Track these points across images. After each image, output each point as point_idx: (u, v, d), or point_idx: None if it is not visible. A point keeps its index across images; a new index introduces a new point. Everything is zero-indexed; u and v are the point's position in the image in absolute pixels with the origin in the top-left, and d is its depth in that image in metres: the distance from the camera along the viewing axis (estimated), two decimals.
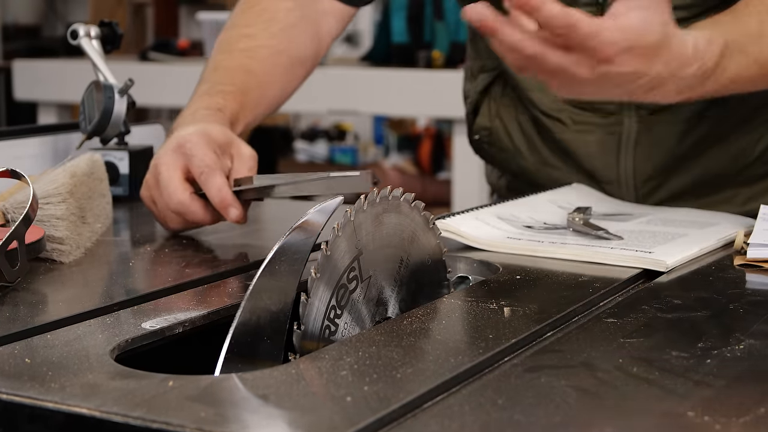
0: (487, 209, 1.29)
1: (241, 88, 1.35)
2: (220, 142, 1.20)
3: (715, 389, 0.75)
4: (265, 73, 1.39)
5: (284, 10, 1.42)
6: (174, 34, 6.05)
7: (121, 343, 0.84)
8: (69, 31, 1.50)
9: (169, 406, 0.70)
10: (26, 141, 1.50)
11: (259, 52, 1.39)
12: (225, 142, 1.21)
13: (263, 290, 0.84)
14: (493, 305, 0.94)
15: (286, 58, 1.41)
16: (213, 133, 1.20)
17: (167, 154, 1.20)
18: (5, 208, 1.12)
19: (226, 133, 1.23)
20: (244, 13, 1.43)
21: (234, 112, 1.31)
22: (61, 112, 4.16)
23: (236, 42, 1.40)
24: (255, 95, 1.36)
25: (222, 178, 1.17)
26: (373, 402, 0.71)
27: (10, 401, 0.72)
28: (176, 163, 1.18)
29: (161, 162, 1.19)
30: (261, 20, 1.41)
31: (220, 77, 1.36)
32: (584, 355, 0.82)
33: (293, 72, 1.43)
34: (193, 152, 1.17)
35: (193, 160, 1.17)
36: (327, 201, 0.89)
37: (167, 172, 1.18)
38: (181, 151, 1.18)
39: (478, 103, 1.56)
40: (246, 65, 1.38)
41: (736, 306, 0.96)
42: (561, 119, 1.45)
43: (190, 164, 1.18)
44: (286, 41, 1.41)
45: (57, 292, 1.03)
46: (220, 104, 1.30)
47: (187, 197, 1.18)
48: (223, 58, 1.38)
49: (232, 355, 0.82)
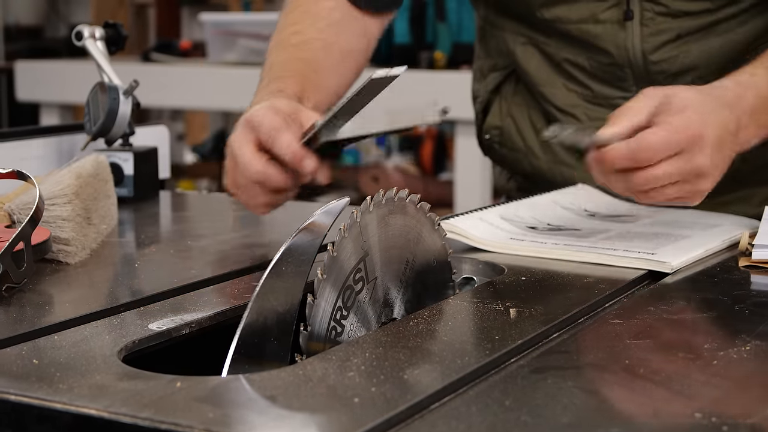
0: (490, 210, 1.30)
1: (299, 73, 1.35)
2: (287, 112, 1.18)
3: (722, 390, 0.75)
4: (319, 61, 1.40)
5: (327, 8, 1.43)
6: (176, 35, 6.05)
7: (129, 344, 0.84)
8: (74, 32, 1.50)
9: (177, 407, 0.70)
10: (31, 142, 1.50)
11: (311, 44, 1.40)
12: (292, 111, 1.19)
13: (270, 291, 0.84)
14: (498, 306, 0.94)
15: (337, 50, 1.42)
16: (279, 104, 1.19)
17: (237, 133, 1.19)
18: (11, 209, 1.12)
19: (291, 104, 1.22)
20: (287, 16, 1.45)
21: (296, 92, 1.30)
22: (64, 113, 4.16)
23: (286, 40, 1.41)
24: (313, 80, 1.36)
25: (289, 135, 1.14)
26: (380, 403, 0.71)
27: (18, 402, 0.72)
28: (246, 137, 1.17)
29: (233, 141, 1.18)
30: (307, 18, 1.43)
31: (275, 71, 1.36)
32: (591, 356, 0.83)
33: (345, 64, 1.44)
34: (261, 122, 1.16)
35: (261, 128, 1.15)
36: (333, 202, 0.89)
37: (239, 147, 1.17)
38: (249, 126, 1.17)
39: (488, 103, 1.56)
40: (300, 56, 1.39)
41: (742, 307, 0.96)
42: (575, 115, 1.46)
43: (259, 134, 1.16)
44: (334, 35, 1.42)
45: (63, 293, 1.03)
46: (280, 87, 1.30)
47: (263, 163, 1.15)
48: (277, 55, 1.39)
49: (239, 356, 0.82)
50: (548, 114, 1.49)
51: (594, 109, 1.45)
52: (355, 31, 1.45)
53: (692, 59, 1.39)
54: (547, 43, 1.45)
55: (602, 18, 1.38)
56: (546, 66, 1.47)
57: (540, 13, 1.42)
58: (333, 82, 1.41)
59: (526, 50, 1.48)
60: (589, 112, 1.45)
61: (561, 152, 1.50)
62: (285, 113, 1.17)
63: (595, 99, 1.44)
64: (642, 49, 1.38)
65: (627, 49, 1.39)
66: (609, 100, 1.44)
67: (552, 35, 1.44)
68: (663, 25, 1.37)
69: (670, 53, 1.38)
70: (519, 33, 1.48)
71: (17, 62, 4.28)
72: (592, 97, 1.45)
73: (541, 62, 1.47)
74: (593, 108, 1.45)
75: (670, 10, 1.37)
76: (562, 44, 1.44)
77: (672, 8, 1.36)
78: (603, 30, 1.39)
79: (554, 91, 1.46)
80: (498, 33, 1.52)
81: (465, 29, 3.73)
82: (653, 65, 1.39)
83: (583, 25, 1.40)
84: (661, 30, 1.37)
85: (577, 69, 1.44)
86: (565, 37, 1.43)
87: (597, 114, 1.44)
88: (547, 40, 1.45)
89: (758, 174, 1.45)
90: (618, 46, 1.39)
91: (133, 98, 1.46)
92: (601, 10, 1.38)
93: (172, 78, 3.92)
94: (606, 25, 1.39)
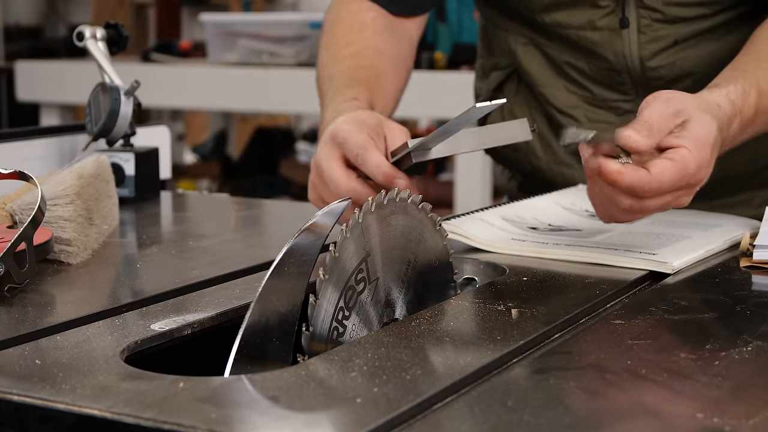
0: (491, 210, 1.30)
1: (364, 80, 1.36)
2: (371, 125, 1.18)
3: (724, 391, 0.75)
4: (377, 68, 1.41)
5: (370, 18, 1.45)
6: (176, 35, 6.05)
7: (131, 345, 0.84)
8: (75, 33, 1.50)
9: (180, 407, 0.70)
10: (32, 143, 1.50)
11: (365, 53, 1.41)
12: (375, 123, 1.19)
13: (272, 292, 0.84)
14: (500, 307, 0.94)
15: (389, 56, 1.43)
16: (362, 116, 1.20)
17: (323, 149, 1.18)
18: (13, 209, 1.13)
19: (373, 114, 1.22)
20: (333, 31, 1.46)
21: (368, 99, 1.31)
22: (64, 113, 4.16)
23: (340, 52, 1.42)
24: (377, 87, 1.37)
25: (378, 154, 1.14)
26: (383, 403, 0.71)
27: (21, 402, 0.72)
28: (333, 154, 1.17)
29: (319, 157, 1.18)
30: (354, 30, 1.44)
31: (339, 81, 1.36)
32: (593, 356, 0.83)
33: (398, 69, 1.45)
34: (347, 138, 1.16)
35: (347, 145, 1.15)
36: (335, 203, 0.89)
37: (327, 164, 1.17)
38: (335, 142, 1.17)
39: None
40: (358, 64, 1.39)
41: (743, 308, 0.96)
42: (575, 116, 1.46)
43: (345, 150, 1.16)
44: (382, 42, 1.44)
45: (65, 294, 1.03)
46: (353, 95, 1.30)
47: (354, 181, 1.15)
48: (335, 68, 1.40)
49: (241, 356, 0.82)
50: (549, 115, 1.49)
51: (594, 111, 1.45)
52: (399, 36, 1.47)
53: (690, 65, 1.39)
54: (549, 46, 1.46)
55: (599, 25, 1.39)
56: (547, 67, 1.47)
57: (540, 17, 1.42)
58: (393, 87, 1.42)
59: (528, 51, 1.48)
60: (589, 114, 1.45)
61: (561, 152, 1.50)
62: (369, 126, 1.17)
63: (595, 101, 1.45)
64: (639, 56, 1.38)
65: (625, 56, 1.39)
66: (608, 103, 1.44)
67: (553, 39, 1.44)
68: (660, 31, 1.37)
69: (668, 59, 1.38)
70: (521, 34, 1.48)
71: (17, 62, 4.28)
72: (592, 99, 1.45)
73: (542, 63, 1.47)
74: (593, 110, 1.45)
75: (667, 16, 1.36)
76: (562, 48, 1.44)
77: (668, 15, 1.36)
78: (601, 37, 1.39)
79: (555, 92, 1.46)
80: (500, 33, 1.52)
81: (465, 30, 3.74)
82: (651, 71, 1.39)
83: (581, 31, 1.40)
84: (658, 37, 1.37)
85: (577, 72, 1.45)
86: (565, 41, 1.43)
87: (597, 116, 1.44)
88: (549, 42, 1.45)
89: (758, 177, 1.45)
90: (616, 53, 1.39)
91: (135, 99, 1.46)
92: (599, 17, 1.38)
93: (172, 78, 3.92)
94: (603, 32, 1.39)
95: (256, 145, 5.47)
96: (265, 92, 3.74)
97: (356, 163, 1.15)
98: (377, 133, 1.17)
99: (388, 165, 1.14)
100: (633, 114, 1.42)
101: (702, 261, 1.14)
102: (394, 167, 1.14)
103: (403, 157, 1.14)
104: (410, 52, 1.49)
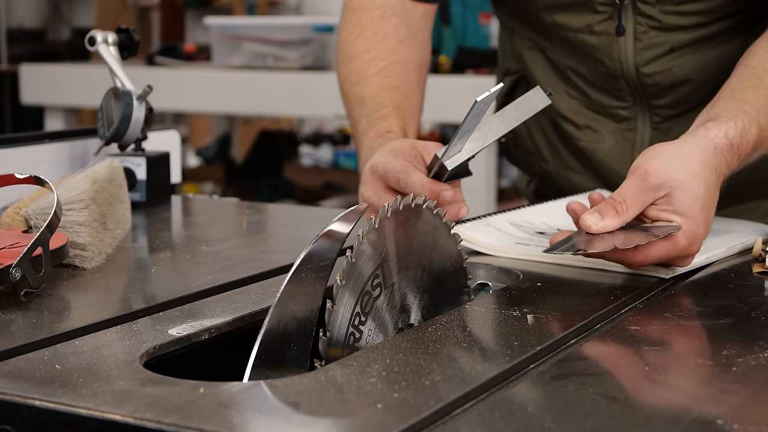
0: (500, 215, 1.30)
1: (394, 105, 1.38)
2: (405, 151, 1.21)
3: (742, 397, 0.75)
4: (404, 84, 1.43)
5: (393, 26, 1.46)
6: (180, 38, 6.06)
7: (149, 350, 0.85)
8: (87, 37, 1.50)
9: (201, 413, 0.70)
10: (43, 147, 1.51)
11: (391, 69, 1.43)
12: (409, 147, 1.22)
13: (290, 297, 0.85)
14: (516, 312, 0.94)
15: (413, 66, 1.46)
16: (396, 146, 1.22)
17: (365, 186, 1.22)
18: (28, 214, 1.13)
19: (405, 141, 1.25)
20: (356, 42, 1.47)
21: (401, 128, 1.34)
22: (68, 116, 4.17)
23: (366, 70, 1.44)
24: (406, 106, 1.40)
25: (418, 174, 1.17)
26: (403, 409, 0.71)
27: (43, 407, 0.72)
28: (378, 186, 1.20)
29: (367, 195, 1.21)
30: (377, 41, 1.45)
31: (371, 107, 1.39)
32: (610, 362, 0.83)
33: (421, 77, 1.48)
34: (386, 168, 1.19)
35: (388, 175, 1.19)
36: (352, 209, 0.90)
37: (377, 197, 1.20)
38: (376, 175, 1.20)
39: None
40: (387, 84, 1.42)
41: (758, 314, 0.96)
42: (576, 121, 1.46)
43: (387, 180, 1.19)
44: (406, 52, 1.46)
45: (81, 298, 1.03)
46: (386, 127, 1.33)
47: None
48: (363, 89, 1.42)
49: (260, 361, 0.82)
50: (553, 120, 1.50)
51: (594, 117, 1.45)
52: (420, 41, 1.49)
53: (685, 72, 1.39)
54: (552, 50, 1.46)
55: (597, 30, 1.39)
56: (550, 71, 1.48)
57: (542, 17, 1.43)
58: (418, 99, 1.45)
59: (532, 54, 1.49)
60: (588, 121, 1.45)
61: (568, 157, 1.50)
62: (404, 153, 1.20)
63: (594, 107, 1.45)
64: (635, 62, 1.38)
65: (621, 61, 1.39)
66: (607, 109, 1.44)
67: (556, 42, 1.45)
68: (656, 39, 1.37)
69: (663, 66, 1.38)
70: (526, 37, 1.49)
71: (22, 65, 4.29)
72: (592, 105, 1.45)
73: (545, 67, 1.48)
74: (593, 115, 1.45)
75: (663, 24, 1.36)
76: (564, 51, 1.45)
77: (665, 22, 1.36)
78: (598, 41, 1.39)
79: (557, 96, 1.47)
80: (510, 36, 1.53)
81: (470, 34, 3.74)
82: (647, 77, 1.39)
83: (580, 34, 1.40)
84: (654, 44, 1.37)
85: (577, 76, 1.45)
86: (566, 45, 1.43)
87: (596, 122, 1.45)
88: (551, 46, 1.46)
89: (762, 186, 1.45)
90: (612, 59, 1.39)
91: (147, 104, 1.47)
92: (596, 21, 1.38)
93: (176, 82, 3.93)
94: (601, 37, 1.39)
95: (259, 149, 5.47)
96: (269, 96, 3.74)
97: (399, 188, 1.18)
98: (413, 156, 1.20)
99: (429, 180, 1.17)
100: (632, 120, 1.43)
101: (714, 266, 1.14)
102: (435, 181, 1.17)
103: (439, 169, 1.17)
104: (428, 54, 1.51)
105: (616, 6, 1.36)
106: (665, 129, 1.42)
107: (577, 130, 1.47)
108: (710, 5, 1.34)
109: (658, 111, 1.42)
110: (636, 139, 1.44)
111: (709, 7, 1.34)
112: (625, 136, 1.44)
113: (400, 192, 1.18)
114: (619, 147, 1.45)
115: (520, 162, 1.58)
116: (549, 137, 1.52)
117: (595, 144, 1.46)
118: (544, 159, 1.53)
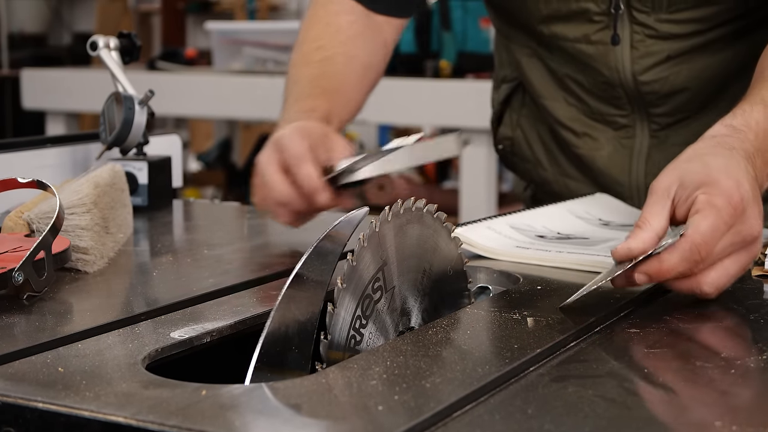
0: (500, 219, 1.31)
1: (327, 90, 1.39)
2: (316, 136, 1.22)
3: (741, 399, 0.76)
4: (344, 76, 1.43)
5: (347, 22, 1.46)
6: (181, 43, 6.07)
7: (152, 353, 0.85)
8: (88, 42, 1.51)
9: (204, 415, 0.71)
10: (45, 151, 1.51)
11: (335, 59, 1.43)
12: (320, 134, 1.23)
13: (291, 301, 0.85)
14: (516, 315, 0.95)
15: (359, 64, 1.45)
16: (308, 127, 1.23)
17: (264, 153, 1.23)
18: (30, 218, 1.13)
19: (321, 127, 1.25)
20: (309, 30, 1.47)
21: (326, 111, 1.34)
22: (69, 121, 4.18)
23: (311, 55, 1.44)
24: (340, 97, 1.40)
25: (310, 167, 1.18)
26: (404, 411, 0.72)
27: (46, 410, 0.73)
28: (272, 158, 1.21)
29: (260, 161, 1.23)
30: (328, 32, 1.46)
31: (303, 87, 1.39)
32: (610, 365, 0.83)
33: (367, 77, 1.47)
34: (287, 145, 1.20)
35: (286, 153, 1.20)
36: (353, 212, 0.90)
37: (266, 167, 1.21)
38: (276, 148, 1.21)
39: (501, 113, 1.58)
40: (325, 71, 1.42)
41: (756, 317, 0.97)
42: (574, 129, 1.47)
43: (284, 156, 1.20)
44: (355, 48, 1.45)
45: (83, 302, 1.04)
46: (311, 106, 1.34)
47: (286, 187, 1.20)
48: (302, 71, 1.42)
49: (262, 364, 0.83)
50: (552, 128, 1.50)
51: (592, 124, 1.46)
52: (375, 42, 1.47)
53: (683, 80, 1.39)
54: (550, 58, 1.47)
55: (594, 39, 1.39)
56: (548, 79, 1.48)
57: (540, 28, 1.43)
58: (356, 96, 1.44)
59: (531, 62, 1.49)
60: (587, 129, 1.46)
61: (566, 165, 1.51)
62: (313, 137, 1.21)
63: (593, 115, 1.46)
64: (632, 71, 1.39)
65: (618, 70, 1.39)
66: (605, 117, 1.45)
67: (553, 50, 1.45)
68: (653, 47, 1.37)
69: (660, 74, 1.39)
70: (525, 45, 1.50)
71: (23, 70, 4.29)
72: (590, 112, 1.46)
73: (543, 75, 1.49)
74: (592, 123, 1.46)
75: (660, 33, 1.37)
76: (562, 60, 1.45)
77: (661, 31, 1.36)
78: (595, 51, 1.40)
79: (555, 104, 1.47)
80: (507, 44, 1.54)
81: (470, 38, 3.75)
82: (644, 86, 1.39)
83: (577, 44, 1.41)
84: (651, 52, 1.38)
85: (576, 84, 1.45)
86: (564, 54, 1.44)
87: (595, 130, 1.45)
88: (550, 54, 1.46)
89: None
90: (609, 68, 1.40)
91: (148, 108, 1.47)
92: (593, 31, 1.39)
93: (177, 86, 3.93)
94: (598, 46, 1.39)
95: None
96: (270, 100, 3.74)
97: (291, 171, 1.19)
98: (320, 144, 1.21)
99: (315, 179, 1.18)
100: (630, 128, 1.43)
101: None
102: (322, 182, 1.18)
103: (335, 176, 1.18)
104: (383, 58, 1.50)
105: (612, 15, 1.36)
106: (663, 136, 1.43)
107: (576, 137, 1.48)
108: (705, 13, 1.35)
109: (656, 119, 1.42)
110: (634, 146, 1.44)
111: (704, 15, 1.35)
112: (623, 143, 1.45)
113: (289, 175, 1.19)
114: (617, 154, 1.45)
115: (518, 169, 1.58)
116: (547, 145, 1.52)
117: (594, 151, 1.47)
118: (542, 166, 1.53)
